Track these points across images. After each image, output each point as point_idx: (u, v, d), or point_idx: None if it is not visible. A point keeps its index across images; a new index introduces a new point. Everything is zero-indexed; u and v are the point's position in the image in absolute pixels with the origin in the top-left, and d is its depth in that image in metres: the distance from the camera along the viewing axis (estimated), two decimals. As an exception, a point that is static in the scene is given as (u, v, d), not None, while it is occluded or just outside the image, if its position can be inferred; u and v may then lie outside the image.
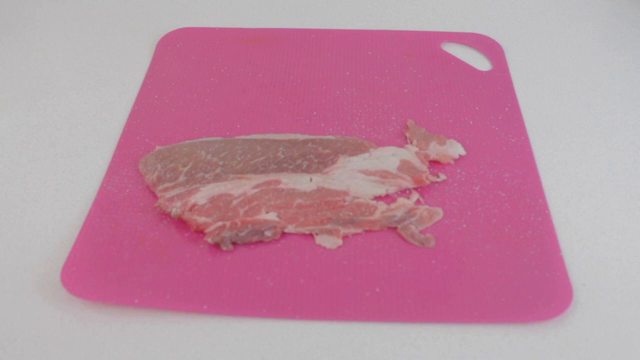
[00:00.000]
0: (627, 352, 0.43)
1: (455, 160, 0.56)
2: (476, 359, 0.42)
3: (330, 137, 0.57)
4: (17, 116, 0.61)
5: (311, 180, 0.53)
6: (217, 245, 0.48)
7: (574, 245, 0.49)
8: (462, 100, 0.63)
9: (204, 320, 0.44)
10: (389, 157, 0.55)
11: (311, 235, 0.49)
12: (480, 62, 0.68)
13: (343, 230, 0.49)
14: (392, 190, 0.53)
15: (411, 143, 0.57)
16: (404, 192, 0.53)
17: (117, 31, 0.74)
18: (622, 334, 0.44)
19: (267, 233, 0.49)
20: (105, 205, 0.52)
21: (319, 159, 0.54)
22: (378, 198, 0.52)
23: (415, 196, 0.52)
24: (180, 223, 0.50)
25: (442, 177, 0.54)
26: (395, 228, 0.50)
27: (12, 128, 0.60)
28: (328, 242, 0.49)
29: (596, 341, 0.43)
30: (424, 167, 0.54)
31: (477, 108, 0.62)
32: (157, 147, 0.56)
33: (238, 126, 0.59)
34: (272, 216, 0.50)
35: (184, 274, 0.47)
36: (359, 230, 0.50)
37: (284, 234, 0.49)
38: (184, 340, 0.43)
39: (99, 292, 0.45)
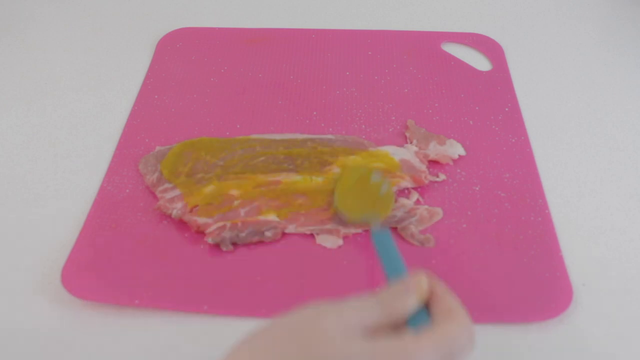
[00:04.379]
0: (626, 352, 0.43)
1: (455, 160, 0.56)
2: (476, 359, 0.42)
3: (330, 136, 0.57)
4: (17, 116, 0.61)
5: (311, 180, 0.53)
6: (217, 246, 0.48)
7: (574, 245, 0.49)
8: (462, 100, 0.63)
9: (204, 320, 0.44)
10: (388, 157, 0.55)
11: (312, 235, 0.49)
12: (480, 62, 0.68)
13: (343, 230, 0.49)
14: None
15: (411, 143, 0.57)
16: (404, 192, 0.53)
17: (117, 31, 0.74)
18: (621, 333, 0.44)
19: (268, 233, 0.49)
20: (105, 205, 0.52)
21: (318, 159, 0.54)
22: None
23: (415, 196, 0.52)
24: (180, 223, 0.50)
25: (442, 177, 0.54)
26: (395, 228, 0.50)
27: (12, 128, 0.60)
28: (329, 242, 0.49)
29: (596, 341, 0.43)
30: (423, 167, 0.54)
31: (477, 108, 0.62)
32: (157, 147, 0.56)
33: (238, 126, 0.59)
34: (272, 216, 0.50)
35: (184, 274, 0.47)
36: (359, 230, 0.49)
37: (284, 234, 0.49)
38: (184, 340, 0.43)
39: (99, 293, 0.45)
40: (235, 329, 0.43)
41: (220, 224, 0.49)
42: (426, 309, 0.34)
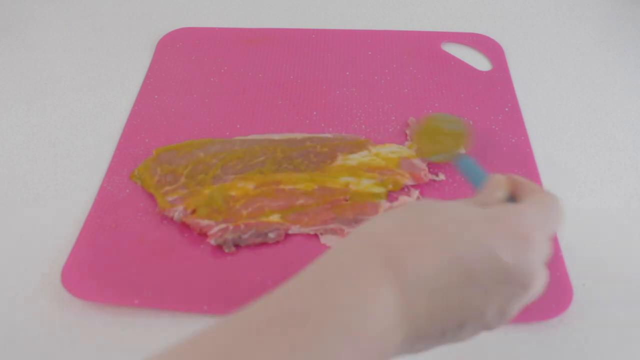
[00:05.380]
0: (626, 352, 0.43)
1: (455, 160, 0.56)
2: (476, 359, 0.42)
3: (328, 135, 0.57)
4: (17, 116, 0.61)
5: (311, 179, 0.53)
6: (218, 247, 0.48)
7: (574, 245, 0.49)
8: (462, 100, 0.63)
9: (204, 320, 0.44)
10: (387, 155, 0.55)
11: (316, 235, 0.49)
12: (480, 62, 0.68)
13: (347, 229, 0.49)
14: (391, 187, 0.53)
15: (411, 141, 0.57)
16: (404, 190, 0.53)
17: (117, 31, 0.74)
18: (621, 333, 0.44)
19: (271, 235, 0.48)
20: (105, 205, 0.52)
21: (317, 158, 0.54)
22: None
23: (415, 194, 0.52)
24: (181, 223, 0.50)
25: (442, 176, 0.54)
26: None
27: (12, 128, 0.60)
28: (333, 241, 0.49)
29: (596, 341, 0.43)
30: (422, 165, 0.54)
31: (477, 108, 0.62)
32: (155, 151, 0.56)
33: (238, 126, 0.59)
34: (275, 218, 0.50)
35: (184, 274, 0.47)
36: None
37: (287, 234, 0.49)
38: (184, 340, 0.43)
39: (99, 293, 0.45)
40: (235, 329, 0.44)
41: (223, 225, 0.49)
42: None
